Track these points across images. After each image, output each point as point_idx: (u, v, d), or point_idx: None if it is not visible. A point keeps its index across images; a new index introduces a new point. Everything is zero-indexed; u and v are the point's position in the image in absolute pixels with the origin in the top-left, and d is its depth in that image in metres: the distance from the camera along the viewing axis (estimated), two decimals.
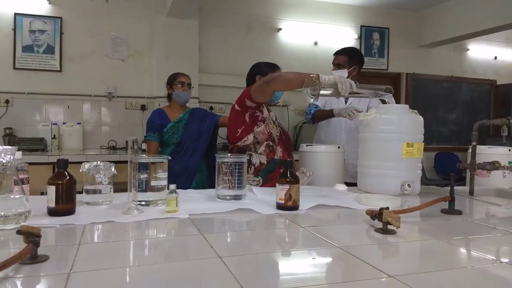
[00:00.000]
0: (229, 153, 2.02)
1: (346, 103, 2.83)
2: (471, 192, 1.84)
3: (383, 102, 1.91)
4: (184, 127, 2.77)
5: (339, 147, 2.17)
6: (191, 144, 2.75)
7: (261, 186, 1.93)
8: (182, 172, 2.70)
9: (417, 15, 5.63)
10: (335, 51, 2.82)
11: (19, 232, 0.83)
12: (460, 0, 5.05)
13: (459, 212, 1.39)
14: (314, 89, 1.63)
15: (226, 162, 1.53)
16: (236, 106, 2.01)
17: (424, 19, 5.60)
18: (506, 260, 0.94)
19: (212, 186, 1.63)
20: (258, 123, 1.99)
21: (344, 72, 2.61)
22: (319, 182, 1.99)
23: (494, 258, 0.96)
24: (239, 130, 1.99)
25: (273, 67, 2.13)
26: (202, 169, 2.79)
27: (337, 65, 2.70)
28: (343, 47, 2.85)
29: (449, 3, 5.19)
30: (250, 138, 1.98)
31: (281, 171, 1.42)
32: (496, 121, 1.88)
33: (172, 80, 2.83)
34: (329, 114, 2.60)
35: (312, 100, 1.66)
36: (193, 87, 2.95)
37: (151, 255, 0.95)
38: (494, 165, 1.78)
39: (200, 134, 2.79)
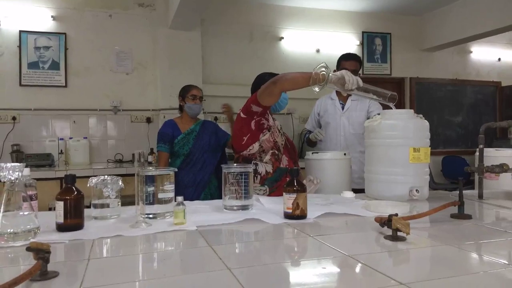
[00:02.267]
0: (234, 163, 2.02)
1: (343, 109, 2.84)
2: (480, 196, 1.82)
3: (384, 106, 1.90)
4: (194, 139, 2.80)
5: (345, 154, 2.16)
6: (201, 157, 2.78)
7: (268, 195, 1.93)
8: (191, 184, 2.72)
9: (419, 19, 5.64)
10: (340, 56, 2.81)
11: (28, 249, 0.83)
12: (462, 2, 5.05)
13: (469, 217, 1.38)
14: (323, 77, 1.63)
15: (232, 172, 1.53)
16: (242, 114, 2.01)
17: (425, 23, 5.60)
18: None
19: (221, 196, 1.63)
20: (264, 131, 1.99)
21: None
22: (326, 190, 1.98)
23: (507, 262, 0.94)
24: (244, 138, 1.99)
25: None
26: (212, 180, 2.81)
27: (353, 71, 2.69)
28: (346, 52, 2.84)
29: (450, 6, 5.20)
30: (255, 146, 1.98)
31: (288, 179, 1.42)
32: (502, 123, 1.87)
33: (185, 93, 2.86)
34: (311, 140, 2.90)
35: (317, 89, 1.66)
36: (204, 100, 2.96)
37: (160, 268, 0.95)
38: (502, 168, 1.77)
39: (210, 147, 2.82)
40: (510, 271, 0.88)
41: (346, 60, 2.74)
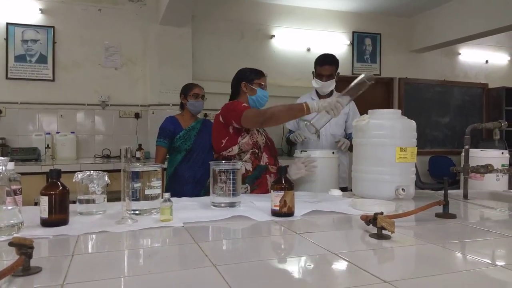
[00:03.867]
0: None
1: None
2: (465, 196, 1.85)
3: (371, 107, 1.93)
4: (196, 136, 2.83)
5: (333, 153, 2.17)
6: (201, 154, 2.81)
7: (250, 192, 1.93)
8: (191, 180, 2.76)
9: (409, 21, 5.69)
10: (315, 59, 2.71)
11: (11, 244, 0.82)
12: (451, 5, 5.10)
13: (454, 216, 1.39)
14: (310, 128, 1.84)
15: (220, 169, 1.53)
16: (220, 118, 2.01)
17: (415, 25, 5.65)
18: (502, 263, 0.94)
19: None
20: (242, 134, 1.99)
21: (332, 83, 2.62)
22: (314, 188, 1.99)
23: (490, 262, 0.96)
24: (223, 141, 2.00)
25: (258, 73, 2.12)
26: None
27: (328, 76, 2.60)
28: (321, 54, 2.74)
29: (439, 8, 5.25)
30: (235, 149, 1.99)
31: (267, 176, 1.42)
32: (488, 125, 1.89)
33: (187, 91, 2.89)
34: (289, 140, 2.81)
35: (312, 135, 1.90)
36: (206, 98, 2.98)
37: (145, 265, 0.94)
38: (487, 168, 1.79)
39: (210, 146, 2.83)
40: (492, 270, 0.90)
41: (320, 66, 2.64)
